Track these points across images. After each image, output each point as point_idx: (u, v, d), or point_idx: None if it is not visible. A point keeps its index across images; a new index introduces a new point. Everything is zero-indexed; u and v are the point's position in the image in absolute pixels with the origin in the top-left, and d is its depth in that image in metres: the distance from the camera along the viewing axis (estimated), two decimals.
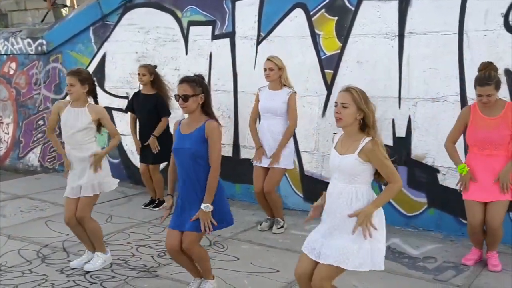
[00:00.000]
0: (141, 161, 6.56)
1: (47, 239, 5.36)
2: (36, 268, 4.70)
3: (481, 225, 4.59)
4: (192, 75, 3.93)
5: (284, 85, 5.45)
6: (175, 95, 3.90)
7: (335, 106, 3.27)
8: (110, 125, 4.76)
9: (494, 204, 4.49)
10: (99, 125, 4.68)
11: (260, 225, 5.77)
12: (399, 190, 3.31)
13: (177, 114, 6.21)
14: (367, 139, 3.19)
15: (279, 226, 5.65)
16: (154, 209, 6.50)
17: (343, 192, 3.25)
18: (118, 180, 4.83)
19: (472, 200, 4.56)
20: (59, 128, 4.79)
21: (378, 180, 3.30)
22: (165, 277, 4.49)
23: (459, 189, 4.69)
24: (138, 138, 6.46)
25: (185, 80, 3.88)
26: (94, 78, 4.79)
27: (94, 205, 4.68)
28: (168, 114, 6.35)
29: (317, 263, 3.28)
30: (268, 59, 5.43)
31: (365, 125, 3.23)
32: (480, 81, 4.41)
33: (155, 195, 6.62)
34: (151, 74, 6.31)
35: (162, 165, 6.64)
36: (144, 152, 6.43)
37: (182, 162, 3.87)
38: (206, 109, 3.90)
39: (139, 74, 6.35)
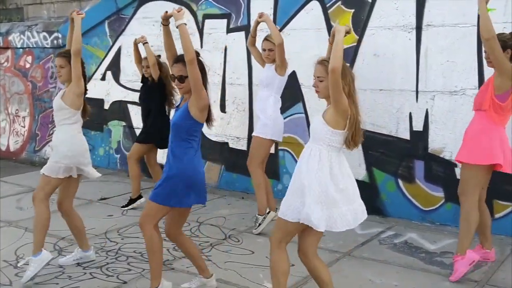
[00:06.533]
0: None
1: (64, 232, 5.38)
2: (53, 261, 4.72)
3: None
4: None
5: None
6: (170, 75, 3.77)
7: (314, 79, 3.37)
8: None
9: None
10: (84, 110, 4.49)
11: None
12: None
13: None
14: None
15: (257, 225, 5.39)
16: None
17: (307, 150, 3.35)
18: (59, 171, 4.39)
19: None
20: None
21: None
22: (180, 270, 4.50)
23: None
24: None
25: (180, 60, 3.64)
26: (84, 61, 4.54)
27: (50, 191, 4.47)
28: (158, 104, 6.16)
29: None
30: (266, 39, 5.36)
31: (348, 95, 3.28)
32: None
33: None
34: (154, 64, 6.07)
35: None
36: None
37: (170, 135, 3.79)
38: None
39: (144, 66, 6.15)
